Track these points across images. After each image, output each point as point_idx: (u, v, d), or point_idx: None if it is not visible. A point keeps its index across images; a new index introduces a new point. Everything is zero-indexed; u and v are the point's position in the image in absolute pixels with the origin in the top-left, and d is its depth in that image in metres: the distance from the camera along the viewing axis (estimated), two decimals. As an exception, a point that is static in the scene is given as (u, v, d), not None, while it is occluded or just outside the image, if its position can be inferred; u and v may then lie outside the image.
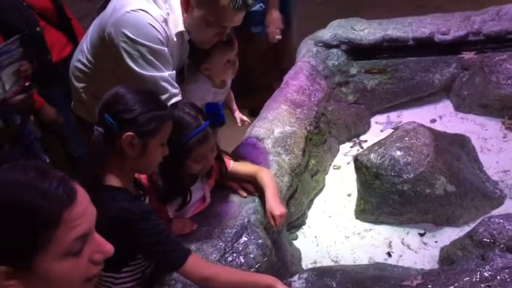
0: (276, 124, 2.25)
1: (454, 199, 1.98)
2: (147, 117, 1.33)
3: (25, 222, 0.74)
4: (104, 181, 1.34)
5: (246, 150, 2.11)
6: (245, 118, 2.23)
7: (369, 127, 2.73)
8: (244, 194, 1.85)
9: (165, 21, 1.71)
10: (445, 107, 2.73)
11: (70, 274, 0.79)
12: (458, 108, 2.69)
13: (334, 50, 2.91)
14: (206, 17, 1.68)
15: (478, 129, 2.49)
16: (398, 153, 2.01)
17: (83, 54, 1.88)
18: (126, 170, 1.38)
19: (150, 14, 1.66)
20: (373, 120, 2.77)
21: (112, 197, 1.31)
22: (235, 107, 2.24)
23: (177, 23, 1.74)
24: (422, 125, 2.17)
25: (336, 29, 2.93)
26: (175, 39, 1.75)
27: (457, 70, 2.73)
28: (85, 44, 1.88)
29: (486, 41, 2.71)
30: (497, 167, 2.24)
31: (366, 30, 2.87)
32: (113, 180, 1.35)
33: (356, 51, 2.90)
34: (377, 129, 2.67)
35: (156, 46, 1.65)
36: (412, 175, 1.95)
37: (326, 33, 2.93)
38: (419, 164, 1.97)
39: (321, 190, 2.33)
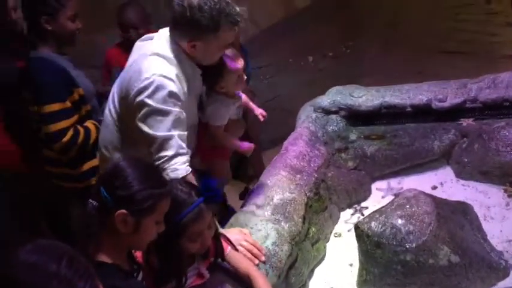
0: (276, 190, 2.23)
1: (458, 270, 1.92)
2: (143, 195, 1.31)
3: None
4: (95, 257, 1.30)
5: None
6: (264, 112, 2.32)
7: (369, 193, 2.70)
8: None
9: (177, 75, 1.83)
10: (446, 173, 2.71)
11: None
12: (459, 175, 2.68)
13: (333, 116, 2.93)
14: (215, 45, 1.87)
15: (480, 197, 2.47)
16: (400, 221, 1.98)
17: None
18: (119, 245, 1.35)
19: (166, 77, 1.78)
20: (373, 186, 2.75)
21: (103, 275, 1.27)
22: (253, 106, 2.32)
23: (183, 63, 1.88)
24: (423, 192, 2.14)
25: (335, 96, 2.97)
26: (185, 88, 1.86)
27: (456, 137, 2.75)
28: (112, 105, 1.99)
29: (483, 108, 2.74)
30: (501, 236, 2.19)
31: (364, 97, 2.91)
32: (104, 256, 1.31)
33: (355, 117, 2.92)
34: (378, 196, 2.65)
35: (170, 108, 1.77)
36: (414, 244, 1.91)
37: (325, 100, 2.96)
38: (422, 232, 1.94)
39: (322, 259, 2.27)
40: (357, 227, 2.09)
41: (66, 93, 2.12)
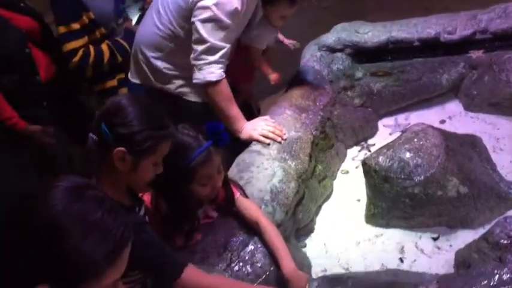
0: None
1: (467, 201, 1.91)
2: (143, 135, 1.28)
3: (89, 260, 0.75)
4: None
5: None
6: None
7: (376, 130, 2.67)
8: None
9: None
10: (454, 107, 2.66)
11: None
12: (467, 108, 2.63)
13: (339, 54, 2.87)
14: None
15: (489, 129, 2.42)
16: (408, 155, 1.95)
17: (161, 24, 2.13)
18: (118, 183, 1.33)
19: None
20: (380, 123, 2.71)
21: None
22: (267, 69, 2.48)
23: None
24: (431, 126, 2.10)
25: (340, 33, 2.89)
26: (245, 8, 2.03)
27: (465, 70, 2.67)
28: (164, 13, 2.11)
29: (494, 39, 2.65)
30: (511, 166, 2.16)
31: (370, 33, 2.82)
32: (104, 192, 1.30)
33: (361, 54, 2.85)
34: (385, 133, 2.61)
35: (230, 23, 1.96)
36: (422, 177, 1.89)
37: (330, 38, 2.89)
38: (430, 165, 1.91)
39: (329, 196, 2.27)
40: (364, 162, 2.07)
41: (71, 17, 2.32)
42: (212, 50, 1.98)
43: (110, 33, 2.52)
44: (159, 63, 2.19)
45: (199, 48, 1.99)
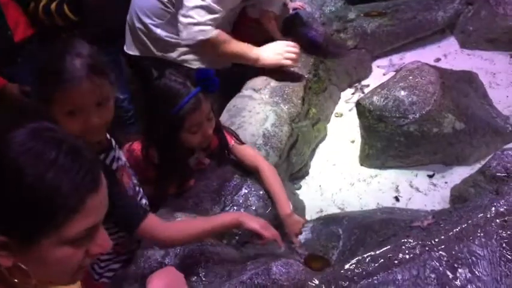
0: (273, 74, 2.15)
1: (463, 137, 1.88)
2: None
3: (47, 203, 0.69)
4: None
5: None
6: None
7: (370, 72, 2.60)
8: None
9: None
10: (450, 44, 2.59)
11: (66, 261, 0.74)
12: (464, 45, 2.56)
13: (330, -4, 2.78)
14: None
15: (485, 65, 2.37)
16: (403, 93, 1.90)
17: None
18: None
19: None
20: (374, 64, 2.64)
21: None
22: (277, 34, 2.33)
23: None
24: (426, 64, 2.04)
25: (331, -27, 2.78)
26: None
27: (461, 6, 2.59)
28: None
29: (490, -27, 2.55)
30: (508, 101, 2.13)
31: (363, -28, 2.72)
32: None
33: (353, -5, 2.77)
34: (379, 73, 2.55)
35: None
36: (418, 115, 1.85)
37: (321, -22, 2.78)
38: (425, 102, 1.86)
39: (323, 139, 2.24)
40: (358, 103, 2.02)
41: None
42: (205, 9, 1.91)
43: None
44: (160, 31, 2.09)
45: (191, 3, 1.91)
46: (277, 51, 2.09)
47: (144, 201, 1.53)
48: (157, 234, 1.28)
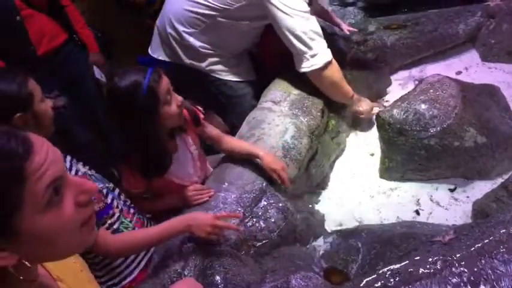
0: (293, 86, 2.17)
1: (485, 151, 1.86)
2: None
3: None
4: None
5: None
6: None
7: (390, 84, 2.60)
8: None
9: None
10: (471, 57, 2.57)
11: (59, 224, 0.72)
12: (485, 58, 2.54)
13: (351, 8, 2.81)
14: None
15: (507, 78, 2.34)
16: (423, 106, 1.89)
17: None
18: None
19: None
20: (394, 77, 2.63)
21: None
22: (338, 20, 2.51)
23: None
24: (447, 77, 2.03)
25: (351, -14, 2.80)
26: None
27: (482, 19, 2.57)
28: None
29: (513, -14, 2.54)
30: (531, 115, 2.09)
31: (383, -15, 2.72)
32: None
33: (373, 7, 2.77)
34: (399, 87, 2.54)
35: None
36: (439, 128, 1.84)
37: (341, -9, 2.80)
38: (446, 116, 1.85)
39: (342, 151, 2.24)
40: (378, 116, 2.02)
41: None
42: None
43: None
44: (193, 40, 2.12)
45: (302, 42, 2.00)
46: (370, 106, 2.27)
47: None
48: (109, 245, 1.36)
